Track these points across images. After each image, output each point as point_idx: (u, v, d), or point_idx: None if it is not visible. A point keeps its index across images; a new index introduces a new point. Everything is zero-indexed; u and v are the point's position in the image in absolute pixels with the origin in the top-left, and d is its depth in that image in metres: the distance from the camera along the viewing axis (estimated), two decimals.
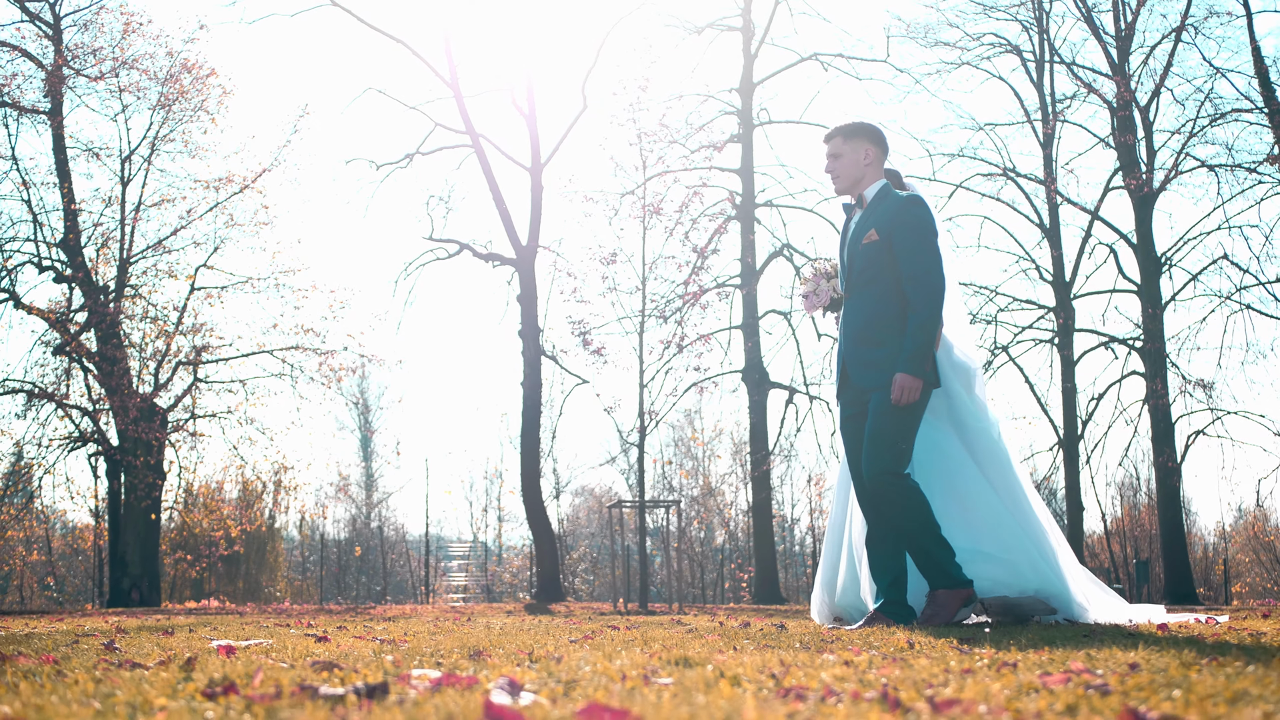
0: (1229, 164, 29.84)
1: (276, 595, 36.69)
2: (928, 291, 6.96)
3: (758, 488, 32.53)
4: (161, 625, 9.75)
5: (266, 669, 3.50)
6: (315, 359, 27.67)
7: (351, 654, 4.47)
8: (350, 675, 3.39)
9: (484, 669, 3.63)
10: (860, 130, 7.36)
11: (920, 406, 6.98)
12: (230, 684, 2.98)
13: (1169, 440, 30.02)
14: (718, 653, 4.35)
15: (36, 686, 3.15)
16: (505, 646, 4.93)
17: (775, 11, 32.97)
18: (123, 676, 3.39)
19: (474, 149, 26.20)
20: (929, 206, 7.21)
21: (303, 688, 2.93)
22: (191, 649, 5.05)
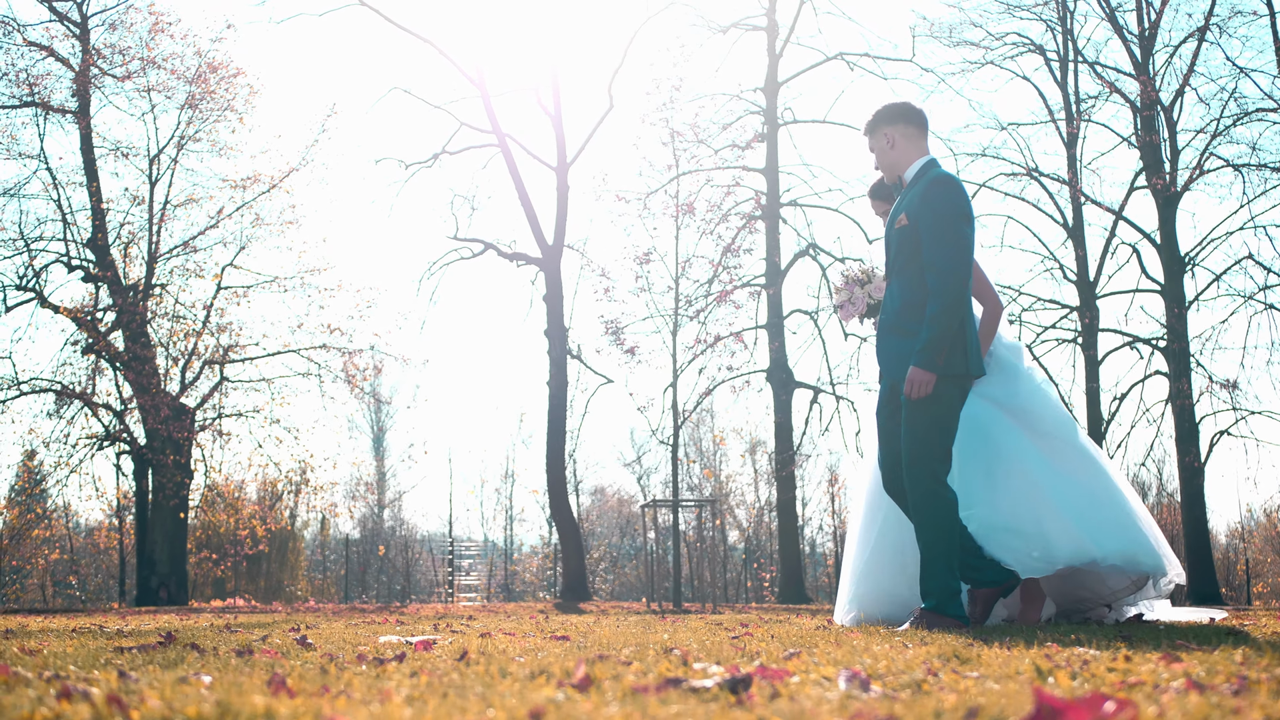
0: (1254, 164, 29.83)
1: (298, 594, 36.76)
2: (945, 278, 6.56)
3: (782, 487, 32.53)
4: (257, 623, 9.81)
5: (597, 666, 3.52)
6: (340, 358, 27.75)
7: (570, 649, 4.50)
8: (693, 671, 3.38)
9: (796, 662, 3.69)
10: (878, 119, 7.05)
11: (953, 400, 6.66)
12: (586, 679, 3.02)
13: (1193, 440, 30.00)
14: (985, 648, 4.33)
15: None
16: (683, 644, 4.93)
17: (800, 11, 33.00)
18: (497, 676, 3.39)
19: (500, 148, 26.26)
20: (957, 186, 6.76)
21: (668, 681, 2.98)
22: (389, 646, 5.11)
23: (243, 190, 27.37)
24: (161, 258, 26.91)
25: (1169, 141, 30.97)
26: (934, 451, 6.63)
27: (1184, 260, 30.67)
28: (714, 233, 24.36)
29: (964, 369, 6.62)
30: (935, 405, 6.60)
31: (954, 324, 6.56)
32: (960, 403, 6.72)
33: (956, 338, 6.60)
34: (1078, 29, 32.01)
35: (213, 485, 28.38)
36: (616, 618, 10.73)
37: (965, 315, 6.65)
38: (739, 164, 30.85)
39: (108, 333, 26.19)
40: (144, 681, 3.09)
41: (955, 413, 6.69)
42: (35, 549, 29.41)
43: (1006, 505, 7.17)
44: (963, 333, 6.63)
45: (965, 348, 6.63)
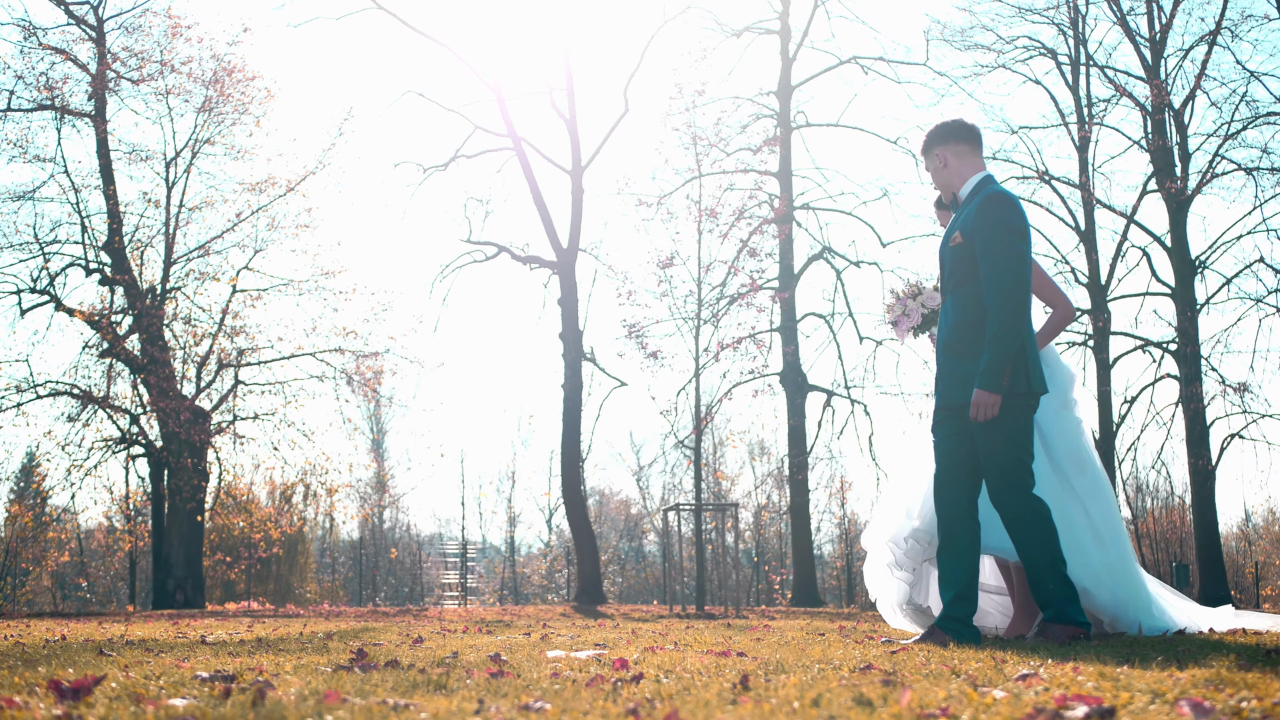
0: (1265, 167, 29.89)
1: (308, 597, 36.81)
2: (1003, 297, 6.49)
3: (796, 491, 32.58)
4: (347, 631, 9.85)
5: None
6: (355, 361, 27.79)
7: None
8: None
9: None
10: (931, 140, 7.04)
11: (1023, 417, 6.60)
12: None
13: (1204, 444, 30.06)
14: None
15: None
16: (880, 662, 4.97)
17: (814, 15, 33.09)
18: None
19: (515, 152, 26.32)
20: (1012, 203, 6.70)
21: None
22: (588, 664, 5.13)
23: (259, 194, 27.40)
24: (178, 261, 26.95)
25: (1180, 145, 31.03)
26: (1017, 468, 6.60)
27: (1195, 264, 30.73)
28: (729, 236, 24.44)
29: (1026, 387, 6.56)
30: (1007, 424, 6.57)
31: (1015, 343, 6.50)
32: (1030, 417, 6.68)
33: (1018, 357, 6.54)
34: (1089, 33, 32.06)
35: (228, 488, 28.40)
36: (686, 624, 10.78)
37: (1027, 332, 6.61)
38: (752, 168, 30.97)
39: (125, 336, 26.21)
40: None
41: (1027, 428, 6.65)
42: (45, 551, 29.41)
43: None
44: (1024, 351, 6.56)
45: (1026, 365, 6.56)
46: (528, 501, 67.74)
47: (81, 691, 3.12)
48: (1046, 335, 7.74)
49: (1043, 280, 7.80)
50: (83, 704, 3.03)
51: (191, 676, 3.79)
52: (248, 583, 33.88)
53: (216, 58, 27.02)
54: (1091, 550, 7.27)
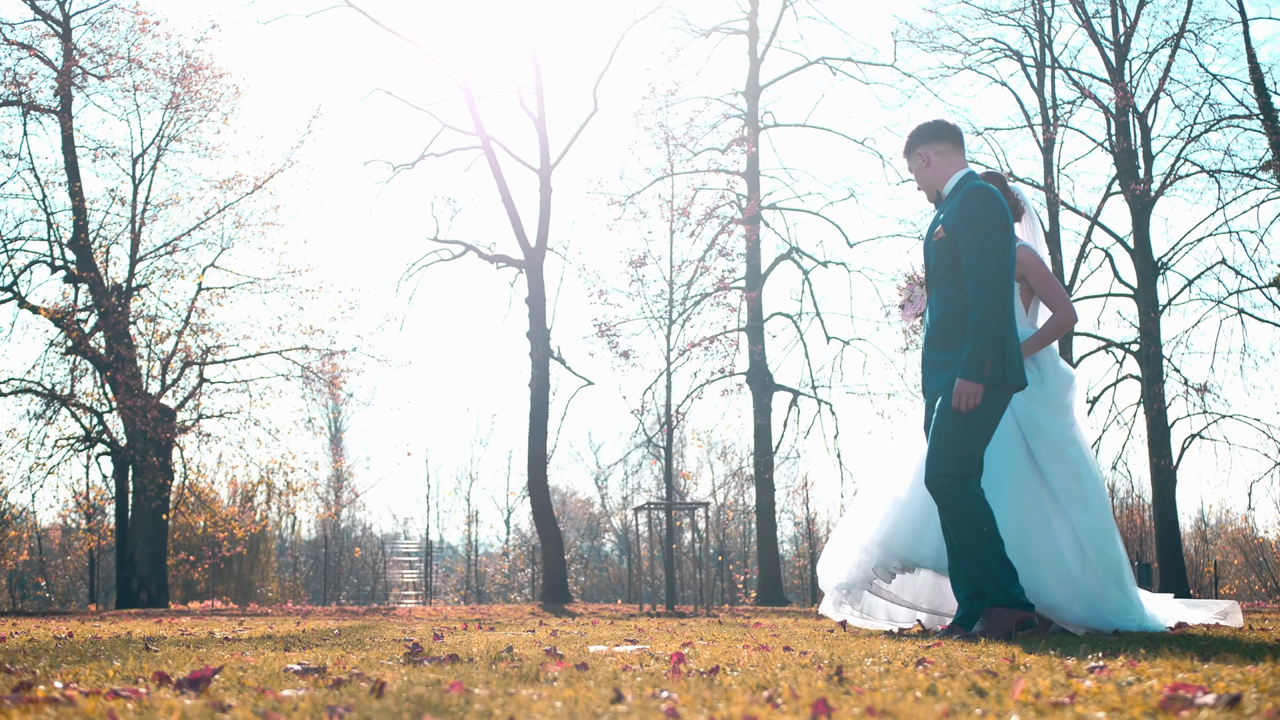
0: (1229, 169, 30.17)
1: (269, 596, 36.64)
2: (985, 288, 6.55)
3: (761, 490, 32.67)
4: (350, 628, 9.82)
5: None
6: (322, 359, 27.68)
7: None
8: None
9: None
10: (913, 140, 7.15)
11: (992, 410, 6.62)
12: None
13: (1165, 443, 30.30)
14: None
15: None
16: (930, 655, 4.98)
17: (782, 15, 33.21)
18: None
19: (484, 150, 26.31)
20: (993, 196, 6.75)
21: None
22: (633, 659, 5.12)
23: (226, 191, 27.25)
24: (144, 258, 26.76)
25: (1143, 147, 31.26)
26: (963, 456, 6.62)
27: (1157, 265, 30.97)
28: (699, 235, 24.50)
29: (1002, 378, 6.57)
30: (975, 412, 6.57)
31: (997, 333, 6.54)
32: (1000, 412, 6.69)
33: (999, 347, 6.56)
34: (1054, 35, 32.24)
35: (191, 486, 28.22)
36: (679, 621, 10.80)
37: (1009, 324, 6.63)
38: (722, 168, 31.04)
39: (90, 334, 26.01)
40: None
41: (993, 421, 6.67)
42: (4, 550, 29.18)
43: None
44: (1004, 342, 6.58)
45: (1004, 357, 6.58)
46: (486, 501, 67.64)
47: (200, 683, 3.11)
48: (1046, 338, 7.74)
49: (1046, 282, 7.83)
50: (205, 694, 3.03)
51: (283, 669, 3.78)
52: (210, 582, 33.69)
53: (184, 54, 26.86)
54: (1069, 560, 7.27)
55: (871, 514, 7.75)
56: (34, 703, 2.69)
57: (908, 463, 7.74)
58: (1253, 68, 30.02)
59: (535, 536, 42.66)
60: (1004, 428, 7.34)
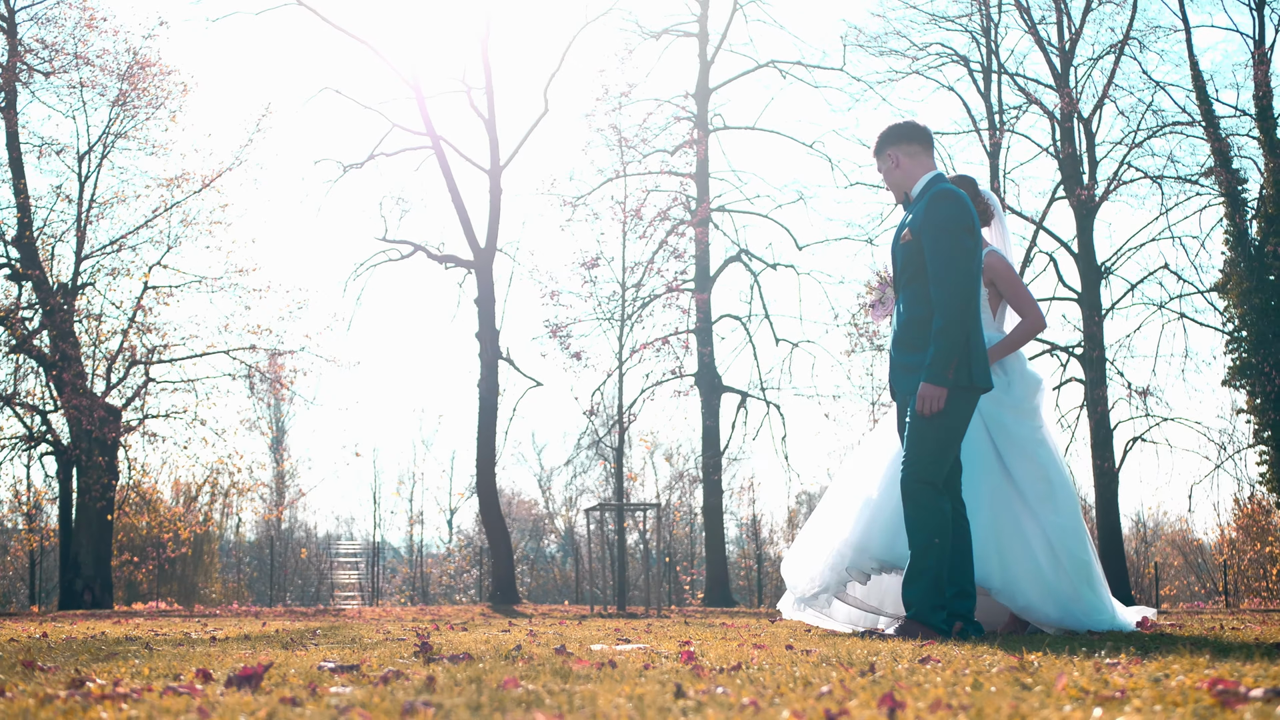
0: (1172, 175, 30.52)
1: (213, 597, 36.37)
2: (950, 291, 6.56)
3: (709, 491, 32.75)
4: (327, 627, 9.76)
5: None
6: (268, 359, 27.52)
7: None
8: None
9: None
10: (882, 141, 7.12)
11: (961, 412, 6.64)
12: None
13: (1108, 446, 30.58)
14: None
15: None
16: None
17: (732, 19, 33.29)
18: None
19: (434, 150, 26.26)
20: (959, 199, 6.76)
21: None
22: (638, 656, 5.12)
23: (176, 189, 27.03)
24: (90, 256, 26.51)
25: (1088, 152, 31.53)
26: (936, 460, 6.63)
27: (1101, 269, 31.26)
28: (650, 237, 24.53)
29: (968, 381, 6.61)
30: (941, 416, 6.59)
31: (961, 336, 6.57)
32: (968, 414, 6.72)
33: (963, 350, 6.59)
34: (1000, 40, 32.46)
35: (136, 486, 27.99)
36: (647, 624, 10.80)
37: (973, 327, 6.66)
38: (674, 170, 31.08)
39: (34, 333, 25.74)
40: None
41: (962, 424, 6.69)
42: None
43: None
44: (968, 345, 6.62)
45: (970, 359, 6.61)
46: (429, 502, 67.50)
47: (254, 679, 3.10)
48: (1014, 343, 7.76)
49: (1015, 288, 7.86)
50: (250, 689, 3.02)
51: (316, 667, 3.77)
52: (155, 583, 33.41)
53: (132, 51, 26.63)
54: (1042, 561, 7.31)
55: (843, 515, 7.68)
56: (109, 699, 2.68)
57: (878, 463, 7.70)
58: (1195, 75, 30.40)
59: (479, 538, 42.62)
60: (973, 432, 7.35)
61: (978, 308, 6.72)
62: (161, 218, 26.95)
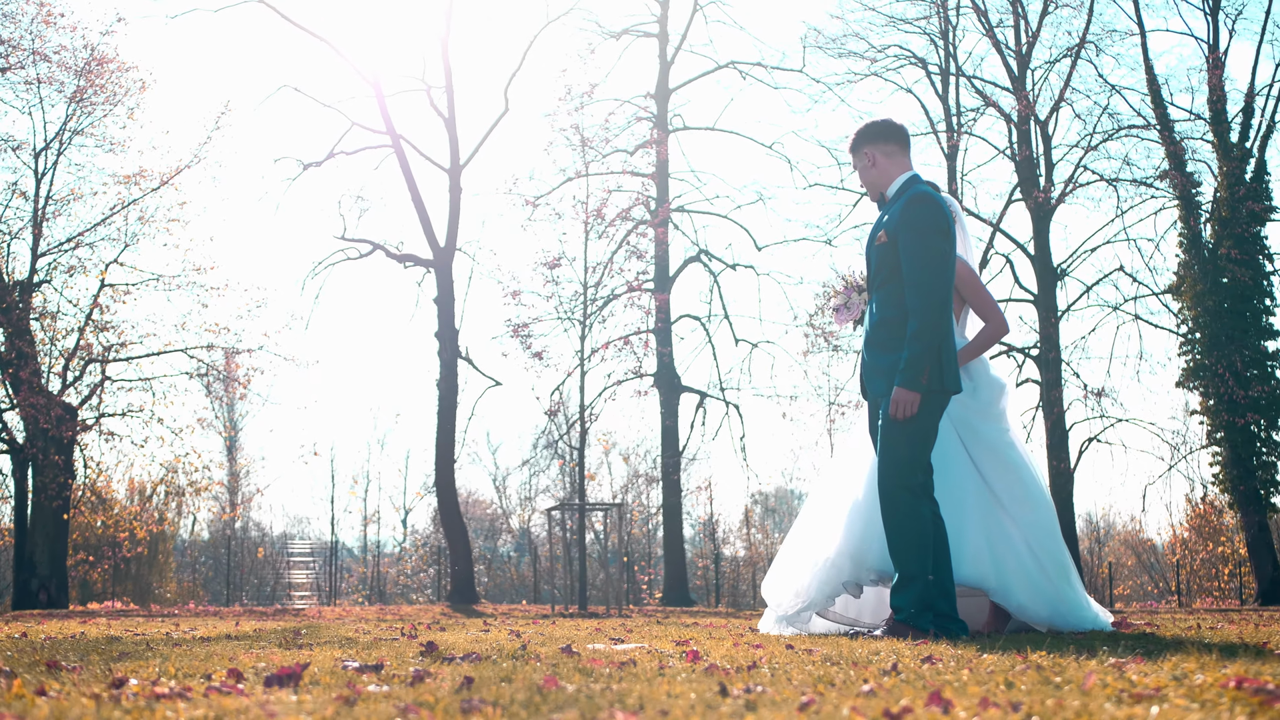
0: (1127, 178, 30.79)
1: (168, 596, 36.15)
2: (924, 296, 6.57)
3: (668, 491, 32.77)
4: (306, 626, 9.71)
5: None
6: (225, 358, 27.38)
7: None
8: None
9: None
10: (860, 139, 7.08)
11: (934, 415, 6.67)
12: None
13: (1064, 447, 30.81)
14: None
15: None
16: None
17: (692, 19, 33.33)
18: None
19: (393, 149, 26.21)
20: (936, 203, 6.76)
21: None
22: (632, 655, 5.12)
23: (131, 186, 26.84)
24: (46, 254, 26.30)
25: (1045, 155, 31.76)
26: (912, 464, 6.64)
27: (1057, 271, 31.49)
28: (611, 237, 24.58)
29: (939, 385, 6.62)
30: (914, 421, 6.61)
31: (935, 341, 6.57)
32: (938, 415, 6.73)
33: (935, 355, 6.59)
34: (958, 43, 32.64)
35: (92, 485, 27.78)
36: (624, 622, 10.80)
37: (946, 332, 6.67)
38: (636, 170, 31.11)
39: None
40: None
41: (933, 425, 6.71)
42: None
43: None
44: (940, 349, 6.62)
45: (941, 363, 6.61)
46: (384, 501, 67.28)
47: (291, 678, 3.11)
48: (979, 348, 7.75)
49: (979, 292, 7.85)
50: (292, 688, 3.02)
51: (340, 666, 3.77)
52: (110, 582, 33.18)
53: (90, 47, 26.43)
54: (1027, 561, 7.32)
55: (829, 526, 7.64)
56: (165, 699, 2.68)
57: (860, 469, 7.63)
58: (1150, 79, 30.66)
59: (435, 537, 42.52)
60: (944, 435, 7.30)
61: (950, 313, 6.76)
62: (119, 215, 26.76)
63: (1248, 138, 30.11)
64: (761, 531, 44.27)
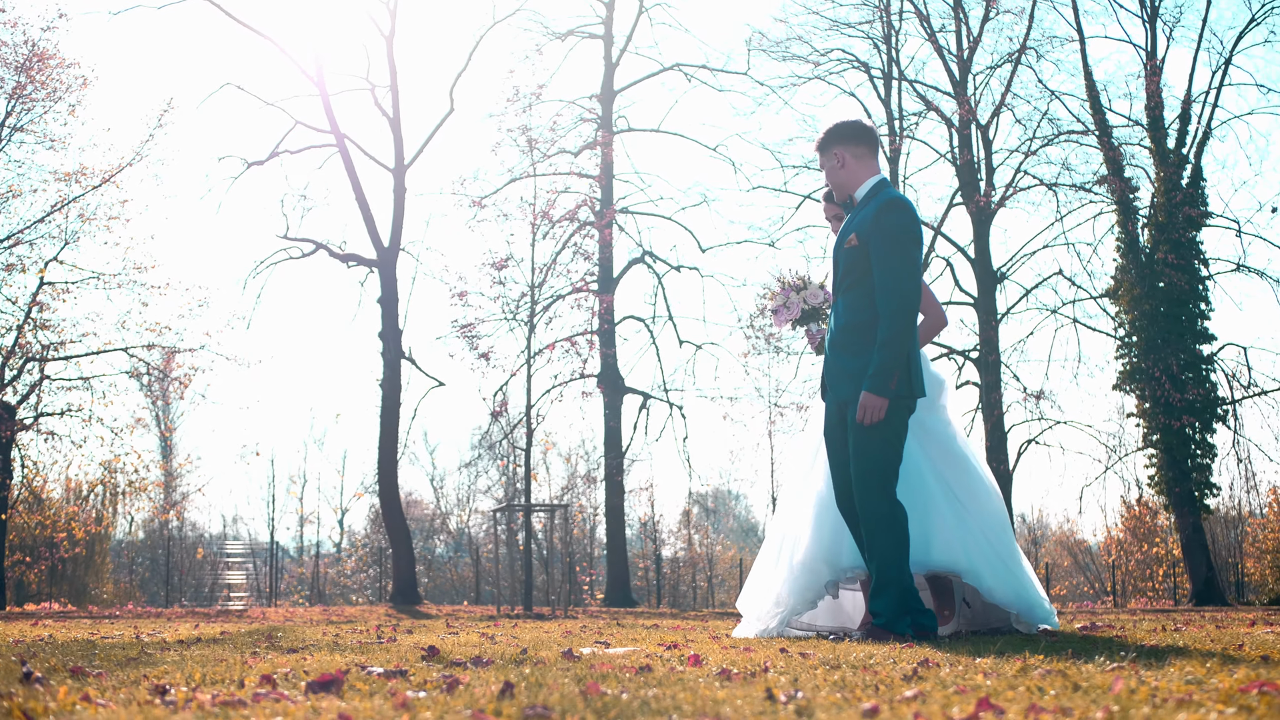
0: (1067, 183, 31.10)
1: (104, 597, 35.80)
2: (897, 304, 6.55)
3: (611, 492, 32.78)
4: (268, 628, 9.65)
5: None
6: (165, 357, 27.15)
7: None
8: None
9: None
10: (830, 138, 7.01)
11: (903, 420, 6.71)
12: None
13: (1003, 449, 31.08)
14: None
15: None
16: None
17: (637, 22, 33.37)
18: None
19: (338, 148, 26.13)
20: (910, 210, 6.75)
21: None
22: (644, 659, 5.11)
23: (71, 184, 26.58)
24: None
25: (986, 160, 32.04)
26: (885, 470, 6.66)
27: (997, 274, 31.77)
28: (556, 237, 24.60)
29: (907, 390, 6.64)
30: (885, 426, 6.63)
31: (906, 348, 6.58)
32: (906, 420, 6.77)
33: (904, 362, 6.61)
34: (901, 47, 32.85)
35: (29, 484, 27.50)
36: (585, 625, 10.80)
37: (915, 339, 6.70)
38: (584, 172, 31.12)
39: None
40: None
41: (903, 431, 6.75)
42: None
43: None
44: (909, 357, 6.64)
45: (909, 370, 6.64)
46: (320, 502, 66.90)
47: (333, 685, 3.11)
48: (919, 340, 7.86)
49: (924, 290, 7.94)
50: (334, 695, 3.03)
51: (365, 672, 3.76)
52: (46, 583, 32.83)
53: (30, 43, 26.13)
54: (986, 548, 7.43)
55: (799, 528, 7.62)
56: (230, 705, 2.68)
57: (819, 466, 7.62)
58: (1089, 85, 31.01)
59: (374, 538, 42.35)
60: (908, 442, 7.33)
61: (916, 319, 6.79)
62: (59, 213, 26.50)
63: (1184, 144, 30.53)
64: (700, 532, 44.36)
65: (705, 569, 41.98)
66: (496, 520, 22.81)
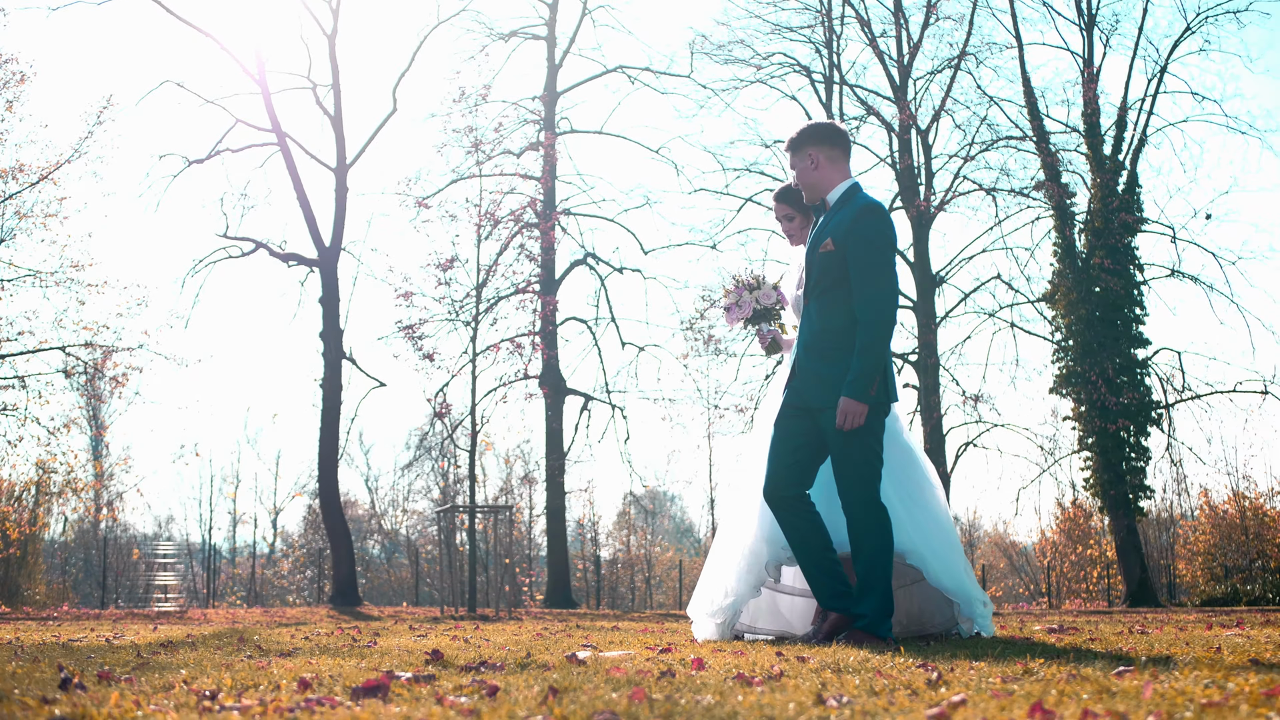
0: (1005, 188, 31.36)
1: (37, 599, 35.37)
2: (877, 310, 6.54)
3: (553, 493, 32.75)
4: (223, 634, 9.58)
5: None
6: (102, 356, 26.91)
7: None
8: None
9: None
10: (803, 138, 6.94)
11: (879, 424, 6.66)
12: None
13: (941, 452, 31.30)
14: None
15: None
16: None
17: (581, 23, 33.38)
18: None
19: (279, 147, 25.97)
20: (886, 216, 6.70)
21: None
22: (648, 663, 5.10)
23: (8, 181, 26.29)
24: None
25: (925, 165, 32.26)
26: (869, 474, 6.67)
27: (936, 278, 31.99)
28: (499, 238, 24.57)
29: (885, 396, 6.66)
30: (866, 432, 6.63)
31: (885, 355, 6.60)
32: (883, 423, 6.77)
33: (883, 368, 6.62)
34: (842, 52, 33.01)
35: None
36: (547, 626, 10.79)
37: (890, 345, 6.72)
38: (527, 173, 31.09)
39: None
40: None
41: (881, 435, 6.74)
42: None
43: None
44: (886, 364, 6.67)
45: (885, 377, 6.67)
46: (254, 502, 66.47)
47: (379, 690, 3.11)
48: None
49: None
50: (379, 700, 3.02)
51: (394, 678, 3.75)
52: None
53: None
54: (931, 535, 7.47)
55: (745, 519, 7.63)
56: (283, 711, 2.67)
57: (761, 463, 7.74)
58: (1027, 91, 31.33)
59: (309, 539, 42.13)
60: None
61: (894, 326, 6.84)
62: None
63: (1121, 150, 30.90)
64: (638, 534, 44.41)
65: (644, 570, 42.03)
66: (439, 521, 22.73)
